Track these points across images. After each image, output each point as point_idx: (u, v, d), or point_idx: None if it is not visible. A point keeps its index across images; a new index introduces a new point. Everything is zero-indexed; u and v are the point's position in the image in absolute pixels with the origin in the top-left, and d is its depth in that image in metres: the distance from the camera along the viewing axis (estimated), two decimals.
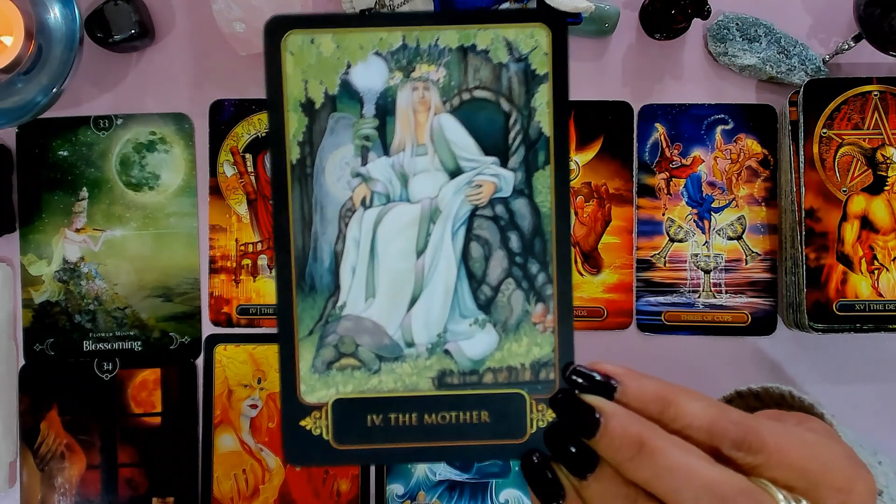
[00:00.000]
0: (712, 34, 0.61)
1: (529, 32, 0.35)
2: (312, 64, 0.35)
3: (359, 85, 0.35)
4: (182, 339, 0.63)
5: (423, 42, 0.35)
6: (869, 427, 0.62)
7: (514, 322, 0.35)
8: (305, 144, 0.35)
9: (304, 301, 0.35)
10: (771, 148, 0.62)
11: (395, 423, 0.35)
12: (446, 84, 0.35)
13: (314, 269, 0.35)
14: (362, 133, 0.35)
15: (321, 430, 0.35)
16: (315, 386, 0.35)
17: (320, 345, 0.35)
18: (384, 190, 0.35)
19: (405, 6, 0.55)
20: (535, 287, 0.35)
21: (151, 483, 0.62)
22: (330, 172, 0.35)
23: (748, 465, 0.31)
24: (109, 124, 0.63)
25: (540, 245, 0.35)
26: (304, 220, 0.35)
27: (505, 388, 0.35)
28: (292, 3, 0.57)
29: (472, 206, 0.35)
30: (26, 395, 0.63)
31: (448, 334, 0.35)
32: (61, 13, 0.57)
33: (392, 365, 0.35)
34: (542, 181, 0.35)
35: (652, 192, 0.62)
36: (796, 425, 0.36)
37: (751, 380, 0.62)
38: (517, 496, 0.61)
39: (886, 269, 0.57)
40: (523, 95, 0.35)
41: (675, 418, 0.31)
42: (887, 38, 0.57)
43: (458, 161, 0.35)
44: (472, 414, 0.35)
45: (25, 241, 0.63)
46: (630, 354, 0.62)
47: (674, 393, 0.32)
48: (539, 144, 0.35)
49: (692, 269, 0.62)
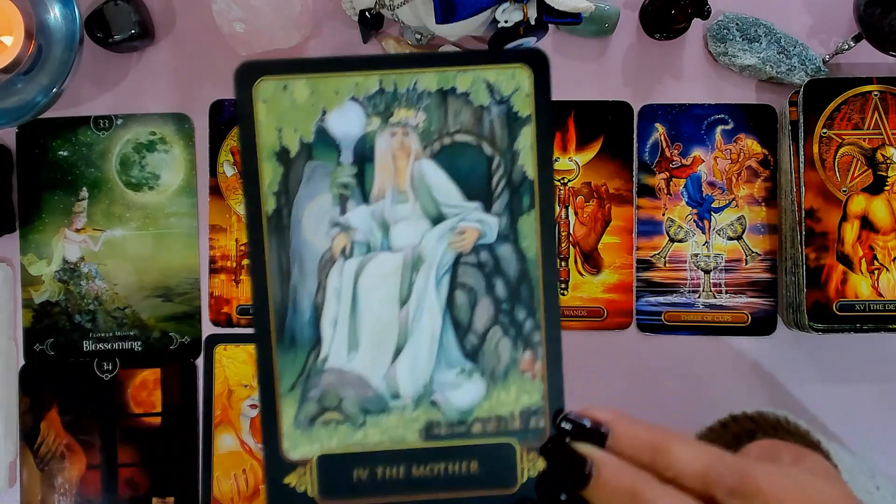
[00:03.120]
0: (712, 34, 0.61)
1: (511, 74, 0.34)
2: (286, 111, 0.34)
3: (335, 132, 0.34)
4: (182, 339, 0.63)
5: (400, 86, 0.34)
6: (869, 427, 0.62)
7: (501, 370, 0.35)
8: (281, 194, 0.34)
9: (285, 356, 0.34)
10: (771, 148, 0.62)
11: (382, 476, 0.34)
12: (426, 129, 0.34)
13: (294, 322, 0.34)
14: (340, 181, 0.34)
15: (306, 486, 0.34)
16: (299, 442, 0.34)
17: (303, 400, 0.34)
18: (364, 239, 0.35)
19: (405, 6, 0.55)
20: (523, 334, 0.35)
21: (151, 483, 0.62)
22: (308, 223, 0.34)
23: None
24: (109, 124, 0.63)
25: (526, 291, 0.35)
26: (281, 272, 0.34)
27: (494, 438, 0.34)
28: (292, 4, 0.57)
29: (456, 253, 0.35)
30: (26, 395, 0.63)
31: (434, 384, 0.34)
32: (61, 13, 0.57)
33: (378, 418, 0.34)
34: (527, 225, 0.34)
35: (652, 192, 0.62)
36: (792, 465, 0.36)
37: (750, 380, 0.62)
38: None
39: (886, 269, 0.57)
40: (506, 138, 0.34)
41: (668, 466, 0.31)
42: (887, 38, 0.57)
43: (440, 207, 0.35)
44: (461, 465, 0.34)
45: (25, 241, 0.63)
46: (630, 354, 0.62)
47: (666, 439, 0.32)
48: (523, 188, 0.34)
49: (692, 269, 0.62)
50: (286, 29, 0.58)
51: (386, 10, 0.57)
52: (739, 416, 0.42)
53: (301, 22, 0.59)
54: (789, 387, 0.62)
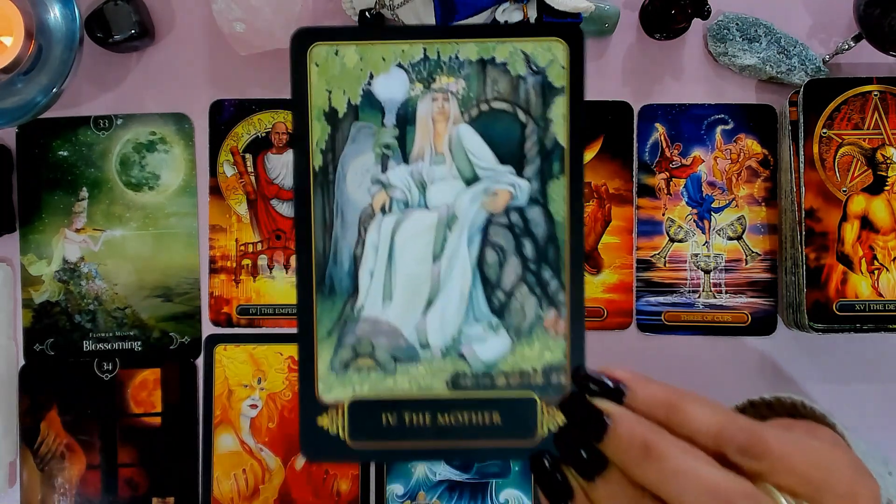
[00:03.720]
0: (712, 34, 0.61)
1: (547, 46, 0.36)
2: (336, 75, 0.36)
3: (381, 95, 0.36)
4: (182, 339, 0.63)
5: (443, 55, 0.36)
6: (869, 427, 0.62)
7: (526, 327, 0.36)
8: (328, 152, 0.36)
9: (324, 302, 0.36)
10: (771, 148, 0.62)
11: (410, 422, 0.36)
12: (465, 95, 0.36)
13: (334, 271, 0.36)
14: (383, 142, 0.36)
15: (337, 428, 0.36)
16: (333, 385, 0.36)
17: (338, 345, 0.36)
18: (403, 197, 0.36)
19: (405, 6, 0.55)
20: (548, 293, 0.36)
21: (151, 483, 0.62)
22: (351, 179, 0.36)
23: (753, 471, 0.31)
24: (109, 124, 0.63)
25: (553, 252, 0.36)
26: (325, 224, 0.36)
27: (517, 392, 0.36)
28: (292, 4, 0.57)
29: (488, 214, 0.36)
30: (26, 395, 0.63)
31: (462, 337, 0.36)
32: (61, 13, 0.57)
33: (407, 366, 0.36)
34: (556, 190, 0.36)
35: (652, 192, 0.62)
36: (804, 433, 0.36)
37: (750, 380, 0.62)
38: (517, 496, 0.61)
39: (886, 269, 0.57)
40: (540, 107, 0.36)
41: (682, 423, 0.32)
42: (887, 38, 0.57)
43: (475, 170, 0.36)
44: (484, 416, 0.36)
45: (25, 241, 0.63)
46: (630, 354, 0.62)
47: (681, 398, 0.33)
48: (554, 155, 0.36)
49: (692, 269, 0.62)
50: (286, 29, 0.58)
51: (386, 10, 0.57)
52: (757, 401, 0.43)
53: (301, 22, 0.59)
54: (789, 387, 0.62)
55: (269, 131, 0.63)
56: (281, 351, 0.62)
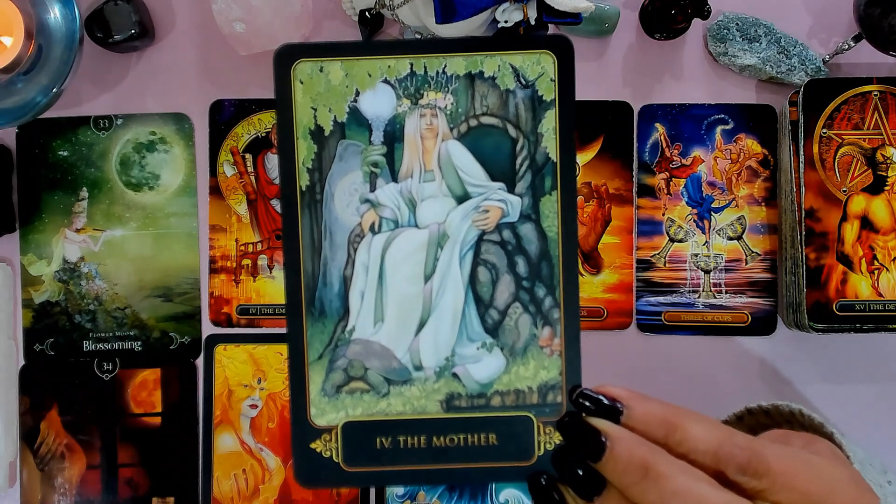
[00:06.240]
0: (712, 34, 0.61)
1: (536, 59, 0.36)
2: (321, 92, 0.36)
3: (367, 112, 0.36)
4: (182, 339, 0.63)
5: (430, 69, 0.35)
6: (869, 427, 0.62)
7: (521, 345, 0.36)
8: (315, 171, 0.36)
9: (314, 325, 0.36)
10: (771, 148, 0.62)
11: (404, 445, 0.35)
12: (454, 111, 0.36)
13: (324, 293, 0.36)
14: (371, 160, 0.36)
15: (331, 452, 0.35)
16: (325, 409, 0.36)
17: (330, 368, 0.36)
18: (392, 216, 0.36)
19: (405, 6, 0.55)
20: (543, 311, 0.36)
21: (151, 483, 0.62)
22: (339, 198, 0.36)
23: (753, 489, 0.31)
24: (109, 124, 0.63)
25: (547, 269, 0.36)
26: (313, 245, 0.36)
27: (512, 411, 0.35)
28: (292, 4, 0.57)
29: (480, 232, 0.36)
30: (26, 395, 0.63)
31: (456, 357, 0.36)
32: (61, 13, 0.57)
33: (401, 388, 0.36)
34: (548, 206, 0.36)
35: (652, 192, 0.62)
36: (802, 448, 0.36)
37: (750, 380, 0.62)
38: (517, 496, 0.61)
39: (886, 269, 0.57)
40: (530, 121, 0.36)
41: (680, 442, 0.32)
42: (887, 38, 0.57)
43: (466, 187, 0.36)
44: (480, 436, 0.35)
45: (25, 241, 0.63)
46: (630, 355, 0.62)
47: (679, 416, 0.32)
48: (546, 170, 0.36)
49: (692, 269, 0.62)
50: (286, 29, 0.58)
51: (386, 10, 0.57)
52: (755, 408, 0.43)
53: (301, 22, 0.59)
54: (789, 387, 0.62)
55: (269, 131, 0.63)
56: (281, 351, 0.62)
